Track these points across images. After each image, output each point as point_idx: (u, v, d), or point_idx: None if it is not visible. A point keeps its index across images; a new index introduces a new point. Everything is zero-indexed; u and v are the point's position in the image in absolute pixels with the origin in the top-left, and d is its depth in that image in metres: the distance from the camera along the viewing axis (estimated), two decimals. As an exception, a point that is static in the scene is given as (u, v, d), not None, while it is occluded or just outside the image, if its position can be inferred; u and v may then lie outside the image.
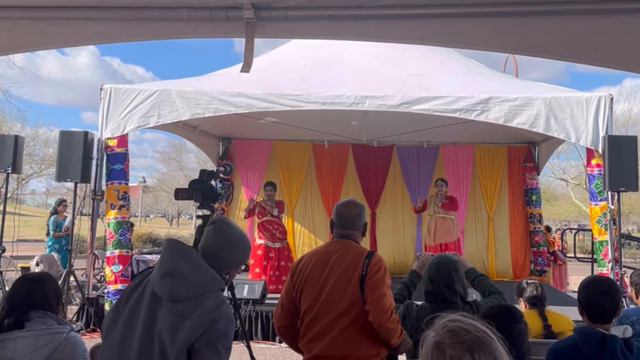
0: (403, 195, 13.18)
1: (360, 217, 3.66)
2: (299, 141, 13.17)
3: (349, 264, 3.46)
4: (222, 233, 2.79)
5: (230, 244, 2.79)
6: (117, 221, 8.54)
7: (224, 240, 2.78)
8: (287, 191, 13.24)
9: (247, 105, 8.46)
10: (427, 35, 3.11)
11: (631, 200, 28.63)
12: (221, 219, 2.90)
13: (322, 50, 10.01)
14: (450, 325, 1.55)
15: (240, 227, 2.92)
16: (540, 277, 12.06)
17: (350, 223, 3.62)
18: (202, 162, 31.68)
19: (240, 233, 2.88)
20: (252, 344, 7.28)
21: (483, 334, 1.52)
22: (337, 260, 3.49)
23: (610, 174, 7.78)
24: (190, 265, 2.64)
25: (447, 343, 1.51)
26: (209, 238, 2.79)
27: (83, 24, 3.20)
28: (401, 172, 13.21)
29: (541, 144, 12.55)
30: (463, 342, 1.50)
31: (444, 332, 1.54)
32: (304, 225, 13.32)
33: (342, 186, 13.26)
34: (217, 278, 2.69)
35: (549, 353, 3.02)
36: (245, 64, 3.17)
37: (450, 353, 1.49)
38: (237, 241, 2.83)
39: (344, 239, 3.59)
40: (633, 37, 2.93)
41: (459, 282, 3.46)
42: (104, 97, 8.61)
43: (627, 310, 4.34)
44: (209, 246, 2.77)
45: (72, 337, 2.97)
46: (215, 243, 2.77)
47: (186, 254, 2.70)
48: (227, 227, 2.82)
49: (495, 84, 9.28)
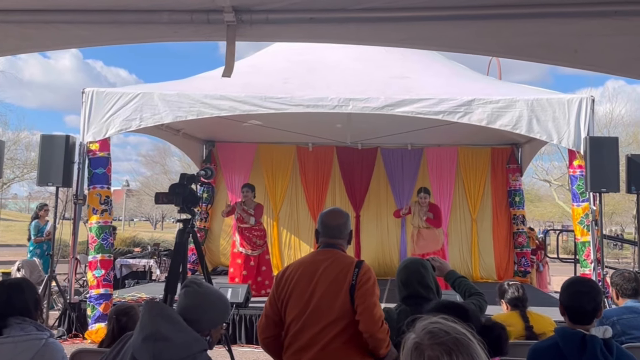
0: (387, 198, 13.21)
1: (345, 226, 3.63)
2: (283, 144, 13.16)
3: (338, 274, 3.41)
4: (194, 295, 2.72)
5: (204, 304, 2.72)
6: (99, 225, 8.47)
7: (197, 302, 2.71)
8: (272, 194, 13.22)
9: (230, 108, 8.44)
10: (409, 38, 3.11)
11: (614, 201, 28.89)
12: (192, 280, 2.83)
13: (305, 52, 10.01)
14: (430, 327, 1.56)
15: (213, 287, 2.87)
16: (524, 278, 12.13)
17: (336, 232, 3.59)
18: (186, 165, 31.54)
19: (214, 292, 2.83)
20: (235, 347, 7.27)
21: (462, 336, 1.53)
22: (325, 270, 3.44)
23: (592, 175, 7.84)
24: (173, 327, 2.56)
25: (426, 344, 1.52)
26: (182, 301, 2.73)
27: (62, 27, 3.18)
28: (385, 174, 13.24)
29: (524, 145, 12.63)
30: (442, 343, 1.51)
31: (423, 334, 1.55)
32: (289, 228, 13.31)
33: (326, 189, 13.26)
34: (200, 338, 2.62)
35: (530, 353, 3.03)
36: (227, 68, 3.16)
37: (428, 354, 1.50)
38: (211, 301, 2.77)
39: (330, 248, 3.55)
40: (612, 40, 2.95)
41: (430, 278, 3.49)
42: (85, 101, 8.54)
43: (608, 310, 4.37)
44: (183, 309, 2.70)
45: (52, 343, 2.94)
46: (188, 306, 2.71)
47: (167, 315, 2.61)
48: (199, 288, 2.75)
49: (478, 86, 9.32)
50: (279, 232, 13.24)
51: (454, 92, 8.43)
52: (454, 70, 10.63)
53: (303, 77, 9.26)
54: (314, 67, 9.66)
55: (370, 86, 8.73)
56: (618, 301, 4.48)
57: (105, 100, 8.51)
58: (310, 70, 9.58)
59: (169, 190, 4.99)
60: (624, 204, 29.70)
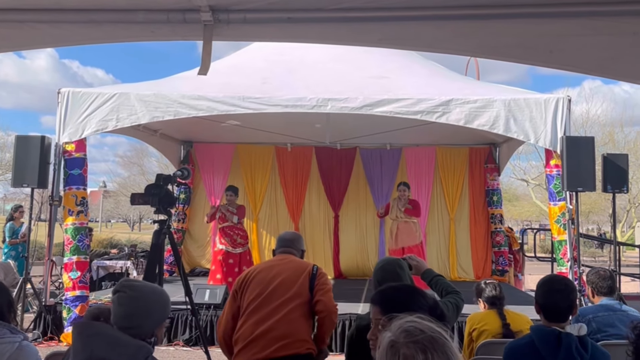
0: (366, 197, 13.23)
1: (299, 241, 4.15)
2: (262, 144, 13.12)
3: (297, 267, 3.87)
4: (128, 301, 2.62)
5: (141, 310, 2.61)
6: (75, 227, 8.38)
7: (132, 310, 2.61)
8: (251, 195, 13.18)
9: (208, 108, 8.39)
10: (386, 38, 3.12)
11: (591, 200, 29.20)
12: (123, 284, 2.69)
13: (284, 52, 9.99)
14: (406, 326, 1.58)
15: (147, 286, 2.71)
16: (502, 277, 12.22)
17: (289, 242, 4.08)
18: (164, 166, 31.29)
19: (149, 292, 2.69)
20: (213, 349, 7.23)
21: (437, 335, 1.55)
22: (285, 265, 3.89)
23: (568, 174, 7.91)
24: (108, 345, 2.45)
25: (402, 342, 1.53)
26: (116, 310, 2.62)
27: (38, 27, 3.14)
28: (364, 174, 13.25)
29: (502, 145, 12.72)
30: (417, 341, 1.52)
31: (399, 332, 1.56)
32: (268, 229, 13.28)
33: (305, 188, 13.25)
34: (142, 345, 2.51)
35: (506, 351, 3.06)
36: (203, 66, 3.14)
37: (403, 352, 1.52)
38: (148, 304, 2.65)
39: (287, 254, 4.02)
40: (587, 40, 2.98)
41: (406, 278, 3.52)
42: (61, 101, 8.45)
43: (583, 308, 4.42)
44: (119, 318, 2.59)
45: (25, 346, 2.90)
46: (125, 314, 2.60)
47: (100, 334, 2.50)
48: (132, 292, 2.64)
49: (456, 86, 9.37)
50: (259, 234, 13.20)
51: (432, 92, 8.46)
52: (433, 71, 10.68)
53: (282, 77, 9.24)
54: (293, 68, 9.65)
55: (349, 86, 8.73)
56: (594, 299, 4.53)
57: (82, 101, 8.42)
58: (289, 70, 9.56)
59: (145, 190, 4.97)
60: (601, 203, 30.05)
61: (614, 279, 4.57)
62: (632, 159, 20.06)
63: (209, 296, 8.31)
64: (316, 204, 13.30)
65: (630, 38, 2.85)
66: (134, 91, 8.51)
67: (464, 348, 4.52)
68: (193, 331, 8.05)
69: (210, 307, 8.17)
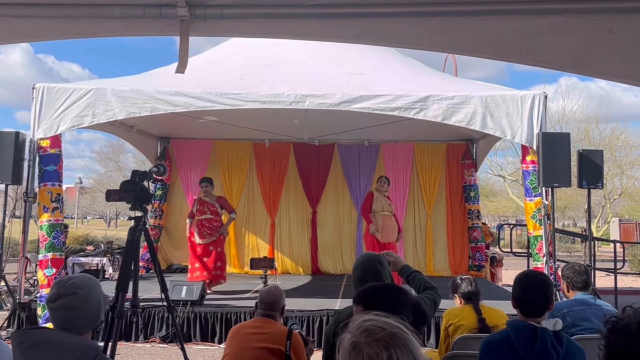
0: (344, 194, 13.27)
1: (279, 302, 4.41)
2: (239, 140, 13.09)
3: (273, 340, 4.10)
4: (65, 308, 2.52)
5: (79, 313, 2.53)
6: (50, 224, 8.29)
7: (72, 314, 2.52)
8: (228, 191, 13.13)
9: (185, 104, 8.34)
10: (363, 34, 3.11)
11: (567, 196, 29.55)
12: (59, 293, 2.54)
13: (262, 48, 9.95)
14: (365, 325, 1.59)
15: (80, 285, 2.57)
16: (478, 272, 12.32)
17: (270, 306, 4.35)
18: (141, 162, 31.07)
19: (84, 293, 2.56)
20: (190, 345, 7.21)
21: (397, 329, 1.57)
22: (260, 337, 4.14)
23: (544, 170, 7.99)
24: (51, 352, 2.38)
25: (364, 342, 1.54)
26: (56, 315, 2.53)
27: (10, 22, 3.09)
28: (342, 170, 13.29)
29: (479, 141, 12.81)
30: (379, 339, 1.54)
31: (359, 332, 1.57)
32: (246, 225, 13.25)
33: (283, 185, 13.25)
34: (89, 344, 2.47)
35: (482, 346, 3.08)
36: (181, 63, 3.12)
37: (367, 352, 1.52)
38: (86, 305, 2.55)
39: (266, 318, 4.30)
40: (563, 37, 3.00)
41: (386, 274, 3.52)
42: (36, 97, 8.34)
43: (558, 303, 4.46)
44: (61, 322, 2.52)
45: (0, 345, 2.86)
46: (65, 318, 2.52)
47: (40, 342, 2.42)
48: (68, 301, 2.52)
49: (434, 82, 9.41)
50: (236, 229, 13.15)
51: (410, 89, 8.49)
52: (410, 67, 10.72)
53: (260, 73, 9.21)
54: (271, 64, 9.62)
55: (327, 82, 8.73)
56: (569, 294, 4.58)
57: (57, 96, 8.32)
58: (267, 66, 9.53)
59: (120, 187, 4.92)
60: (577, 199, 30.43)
61: (588, 274, 4.63)
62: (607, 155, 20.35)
63: (185, 293, 8.27)
64: (294, 200, 13.29)
65: (605, 35, 2.88)
66: (110, 87, 8.42)
67: (440, 343, 4.55)
68: (170, 328, 8.01)
69: (187, 303, 8.13)
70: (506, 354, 2.93)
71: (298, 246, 13.13)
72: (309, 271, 12.93)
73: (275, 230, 13.18)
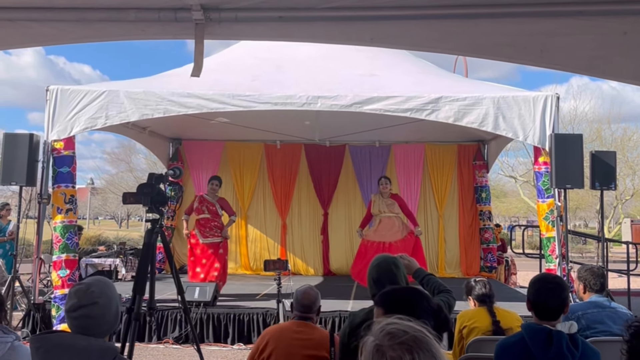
0: (355, 195, 13.26)
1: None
2: (251, 141, 13.11)
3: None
4: (86, 316, 2.55)
5: (98, 318, 2.56)
6: (64, 225, 8.34)
7: (90, 322, 2.55)
8: (240, 192, 13.17)
9: (197, 105, 8.37)
10: (377, 37, 3.12)
11: (578, 197, 29.35)
12: (79, 304, 2.56)
13: (274, 50, 9.96)
14: (388, 328, 1.59)
15: (98, 291, 2.60)
16: (490, 273, 12.28)
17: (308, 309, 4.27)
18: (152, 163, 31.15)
19: (103, 298, 2.59)
20: (203, 346, 7.23)
21: (420, 333, 1.57)
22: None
23: (556, 171, 7.95)
24: (71, 356, 2.42)
25: (387, 345, 1.55)
26: (75, 324, 2.56)
27: (27, 25, 3.13)
28: (353, 171, 13.29)
29: (490, 142, 12.78)
30: (402, 342, 1.54)
31: (382, 335, 1.58)
32: (257, 226, 13.27)
33: (294, 186, 13.27)
34: (107, 346, 2.51)
35: (497, 349, 3.08)
36: (196, 67, 3.13)
37: (390, 355, 1.53)
38: (104, 310, 2.58)
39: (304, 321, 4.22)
40: (576, 39, 3.00)
41: (401, 277, 3.53)
42: (49, 99, 8.40)
43: (573, 305, 4.44)
44: (80, 329, 2.54)
45: (18, 347, 2.88)
46: (85, 326, 2.54)
47: (59, 346, 2.46)
48: (89, 310, 2.55)
49: (446, 83, 9.39)
50: (247, 230, 13.19)
51: (422, 90, 8.49)
52: (422, 68, 10.70)
53: (271, 74, 9.23)
54: (282, 65, 9.63)
55: (339, 84, 8.74)
56: (584, 295, 4.56)
57: (70, 98, 8.38)
58: (279, 67, 9.55)
59: (137, 190, 4.95)
60: (588, 200, 30.22)
61: (605, 277, 4.61)
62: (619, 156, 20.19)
63: (198, 294, 8.30)
64: (305, 202, 13.31)
65: (620, 37, 2.88)
66: (123, 89, 8.47)
67: (454, 345, 4.54)
68: (182, 329, 8.05)
69: (199, 304, 8.17)
70: (521, 357, 2.93)
71: (309, 247, 13.15)
72: (320, 272, 12.94)
73: (287, 231, 13.20)
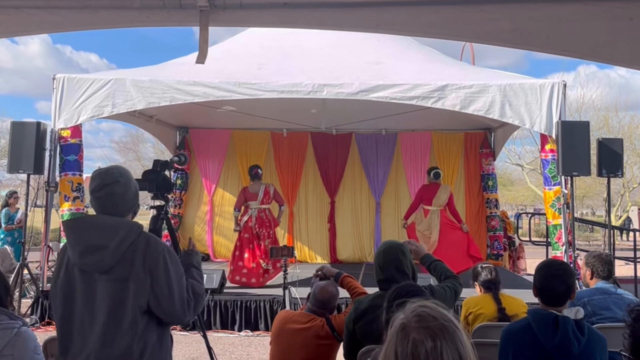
0: (362, 183, 13.25)
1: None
2: (257, 130, 13.09)
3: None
4: (105, 197, 2.78)
5: (117, 199, 2.79)
6: (72, 212, 8.39)
7: (112, 200, 2.78)
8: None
9: (203, 94, 8.38)
10: (383, 23, 3.11)
11: (585, 184, 29.23)
12: (100, 186, 2.78)
13: (280, 38, 9.95)
14: (419, 310, 1.58)
15: (113, 172, 2.84)
16: (496, 261, 12.27)
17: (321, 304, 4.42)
18: (160, 151, 31.17)
19: (120, 180, 2.81)
20: (210, 333, 7.27)
21: (449, 323, 1.55)
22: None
23: (563, 159, 7.93)
24: (101, 233, 2.67)
25: (413, 327, 1.54)
26: (101, 202, 2.79)
27: (32, 13, 3.12)
28: (360, 159, 13.26)
29: (497, 130, 12.73)
30: (428, 327, 1.53)
31: (412, 316, 1.57)
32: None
33: (301, 174, 13.26)
34: (132, 225, 2.76)
35: (503, 335, 3.08)
36: (201, 54, 3.13)
37: (414, 336, 1.52)
38: (124, 189, 2.82)
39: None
40: (583, 25, 2.98)
41: (407, 263, 3.54)
42: (56, 87, 8.43)
43: (579, 292, 4.44)
44: (105, 207, 2.78)
45: (24, 332, 2.90)
46: (109, 204, 2.78)
47: (90, 225, 2.75)
48: (105, 191, 2.77)
49: (452, 71, 9.36)
50: (254, 219, 13.19)
51: (428, 78, 8.46)
52: (428, 56, 10.66)
53: (278, 62, 9.22)
54: (288, 53, 9.62)
55: (345, 72, 8.72)
56: (590, 281, 4.55)
57: (77, 87, 8.40)
58: (285, 56, 9.54)
59: (142, 176, 4.94)
60: (595, 187, 30.10)
61: (612, 264, 4.60)
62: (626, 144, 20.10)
63: (205, 281, 8.32)
64: (312, 190, 13.31)
65: (626, 23, 2.86)
66: (129, 77, 8.48)
67: (460, 332, 4.55)
68: (190, 316, 8.08)
69: (207, 291, 8.19)
70: (527, 343, 2.93)
71: (316, 235, 13.16)
72: (327, 260, 12.96)
73: (294, 220, 13.21)
